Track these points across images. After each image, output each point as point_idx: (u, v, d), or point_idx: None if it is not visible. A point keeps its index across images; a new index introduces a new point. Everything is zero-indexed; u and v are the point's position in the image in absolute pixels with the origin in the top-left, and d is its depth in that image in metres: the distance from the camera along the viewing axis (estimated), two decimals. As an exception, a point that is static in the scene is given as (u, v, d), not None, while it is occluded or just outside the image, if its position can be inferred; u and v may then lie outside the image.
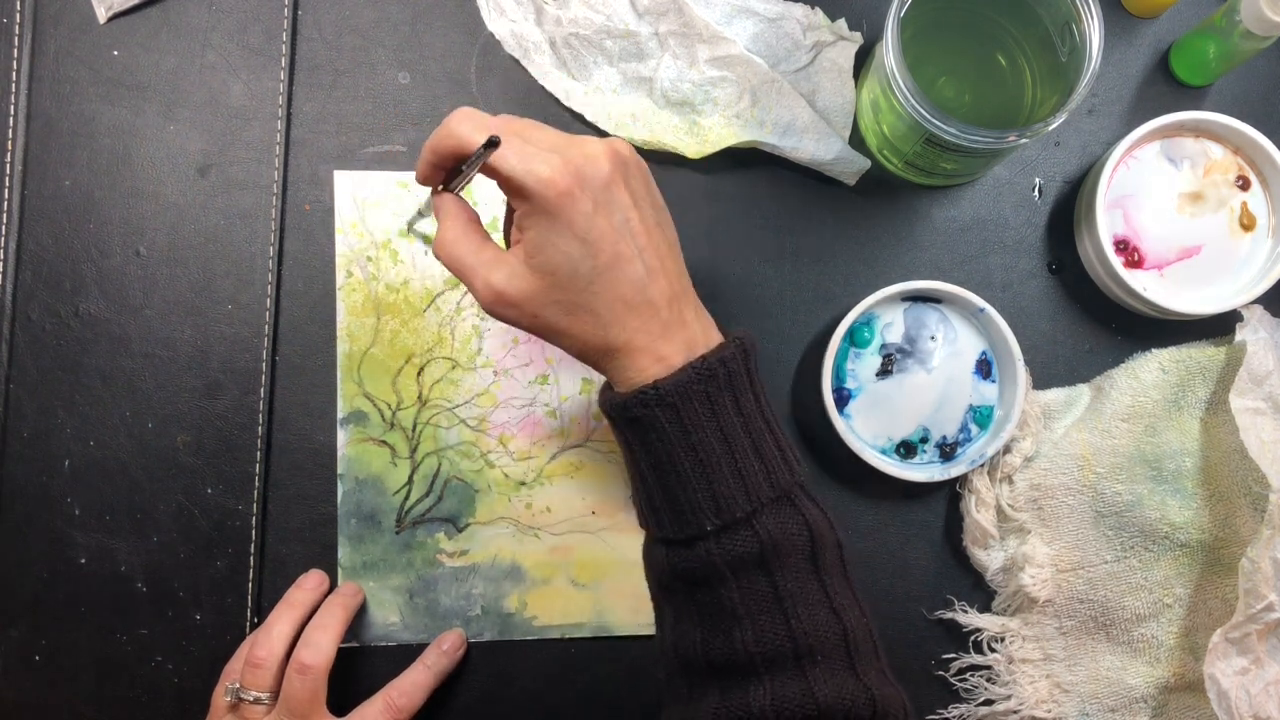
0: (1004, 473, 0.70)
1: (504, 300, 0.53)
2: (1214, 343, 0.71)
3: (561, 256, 0.51)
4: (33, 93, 0.73)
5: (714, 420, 0.52)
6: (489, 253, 0.53)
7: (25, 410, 0.71)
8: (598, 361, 0.54)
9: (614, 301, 0.52)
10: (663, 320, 0.53)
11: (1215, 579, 0.68)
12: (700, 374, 0.51)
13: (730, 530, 0.52)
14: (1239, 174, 0.69)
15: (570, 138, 0.53)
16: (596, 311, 0.52)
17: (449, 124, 0.53)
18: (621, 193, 0.52)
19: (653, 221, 0.54)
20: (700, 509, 0.52)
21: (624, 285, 0.52)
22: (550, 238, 0.51)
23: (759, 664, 0.51)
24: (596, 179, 0.51)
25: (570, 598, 0.71)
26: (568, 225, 0.51)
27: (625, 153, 0.53)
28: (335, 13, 0.73)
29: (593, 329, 0.52)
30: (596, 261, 0.51)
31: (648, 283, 0.52)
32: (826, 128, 0.71)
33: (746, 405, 0.53)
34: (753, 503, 0.52)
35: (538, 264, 0.51)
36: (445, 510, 0.71)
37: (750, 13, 0.71)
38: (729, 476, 0.52)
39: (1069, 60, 0.62)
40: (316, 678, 0.64)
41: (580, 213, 0.50)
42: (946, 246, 0.73)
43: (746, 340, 0.54)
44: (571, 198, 0.50)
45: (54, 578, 0.71)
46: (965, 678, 0.70)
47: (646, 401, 0.51)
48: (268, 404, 0.71)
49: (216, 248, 0.72)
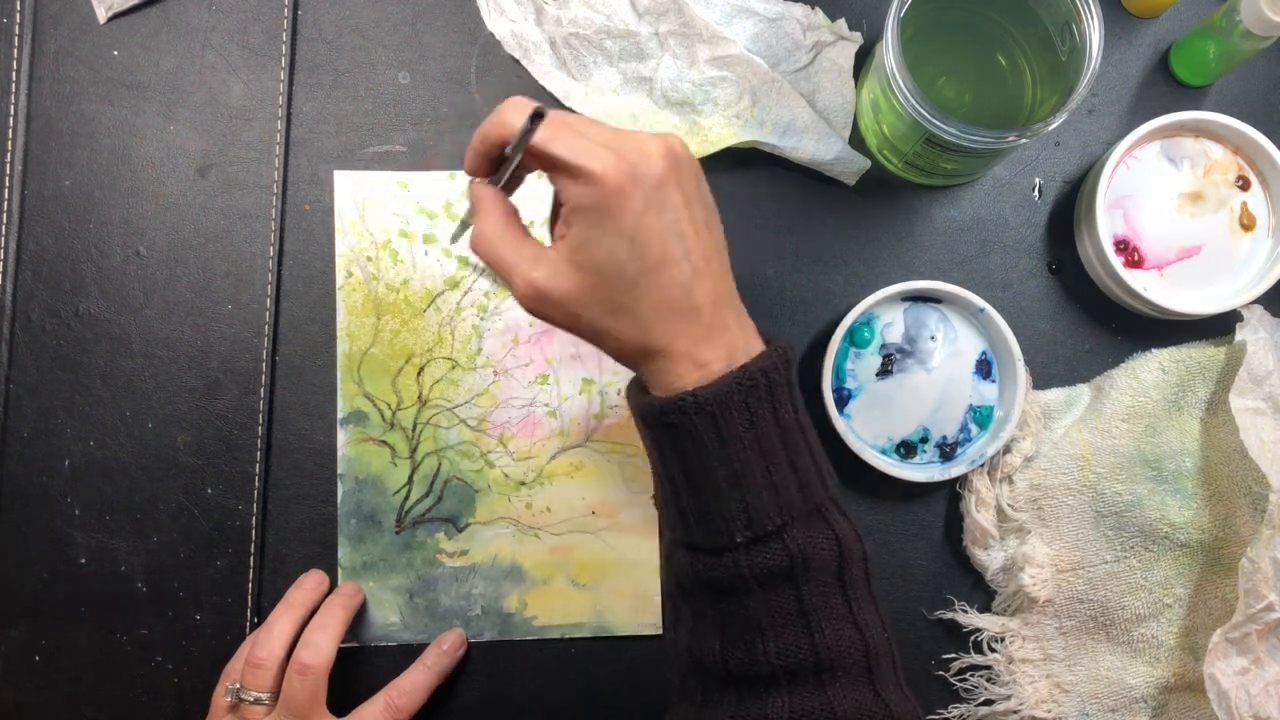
0: (1004, 473, 0.70)
1: (544, 298, 0.51)
2: (1214, 343, 0.71)
3: (607, 255, 0.49)
4: (33, 93, 0.73)
5: (752, 431, 0.50)
6: (530, 249, 0.52)
7: (25, 410, 0.71)
8: (635, 363, 0.53)
9: (658, 304, 0.50)
10: (705, 324, 0.51)
11: (1215, 579, 0.68)
12: (741, 384, 0.50)
13: (760, 543, 0.51)
14: (1239, 174, 0.69)
15: (624, 133, 0.51)
16: (639, 313, 0.50)
17: (500, 110, 0.51)
18: (674, 192, 0.50)
19: (702, 222, 0.52)
20: (732, 520, 0.51)
21: (669, 288, 0.50)
22: (597, 235, 0.49)
23: (780, 676, 0.51)
24: (650, 177, 0.49)
25: (570, 598, 0.71)
26: (616, 223, 0.49)
27: (680, 151, 0.51)
28: (335, 13, 0.73)
29: (634, 330, 0.51)
30: (644, 262, 0.49)
31: (693, 286, 0.51)
32: (826, 128, 0.71)
33: (785, 416, 0.52)
34: (784, 516, 0.51)
35: (582, 261, 0.50)
36: (445, 510, 0.71)
37: (750, 13, 0.71)
38: (763, 489, 0.50)
39: (1069, 60, 0.62)
40: (317, 678, 0.64)
41: (630, 211, 0.49)
42: (946, 246, 0.73)
43: (789, 349, 0.53)
44: (623, 195, 0.49)
45: (54, 578, 0.71)
46: (965, 678, 0.70)
47: (685, 409, 0.50)
48: (268, 404, 0.71)
49: (216, 248, 0.72)
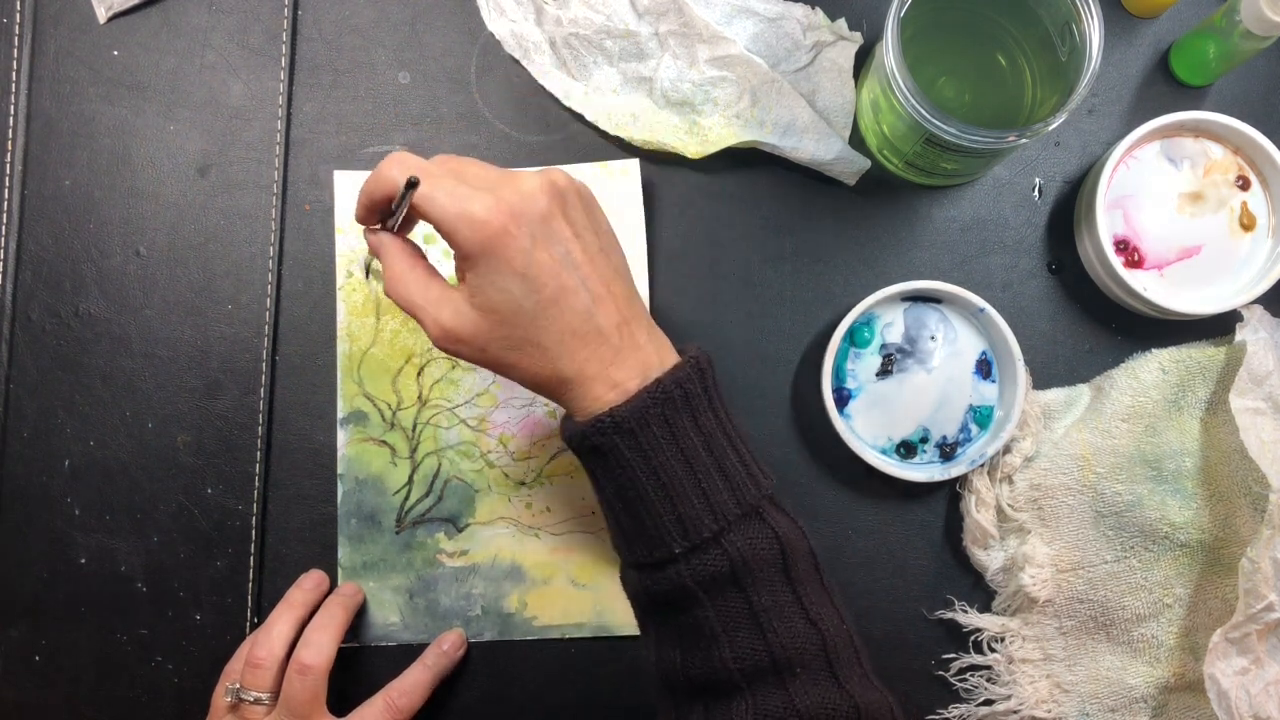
0: (1004, 473, 0.70)
1: (452, 337, 0.53)
2: (1214, 343, 0.71)
3: (503, 295, 0.51)
4: (33, 93, 0.73)
5: (674, 443, 0.51)
6: (435, 290, 0.53)
7: (25, 410, 0.71)
8: (552, 393, 0.54)
9: (561, 333, 0.52)
10: (613, 346, 0.52)
11: (1215, 579, 0.68)
12: (656, 398, 0.51)
13: (699, 551, 0.51)
14: (1239, 174, 0.69)
15: (505, 174, 0.52)
16: (544, 345, 0.52)
17: (381, 168, 0.53)
18: (560, 225, 0.52)
19: (595, 249, 0.53)
20: (667, 532, 0.52)
21: (570, 316, 0.52)
22: (490, 277, 0.51)
23: (739, 679, 0.51)
24: (533, 214, 0.51)
25: (570, 598, 0.71)
26: (506, 264, 0.50)
27: (562, 183, 0.53)
28: (335, 13, 0.73)
29: (542, 362, 0.52)
30: (540, 296, 0.51)
31: (594, 311, 0.52)
32: (826, 128, 0.71)
33: (706, 424, 0.53)
34: (719, 521, 0.51)
35: (480, 303, 0.51)
36: (445, 510, 0.71)
37: (750, 13, 0.71)
38: (693, 497, 0.51)
39: (1069, 60, 0.62)
40: (316, 678, 0.64)
41: (518, 250, 0.50)
42: (946, 246, 0.73)
43: (701, 358, 0.54)
44: (508, 235, 0.50)
45: (54, 578, 0.71)
46: (965, 678, 0.70)
47: (604, 429, 0.51)
48: (268, 404, 0.71)
49: (216, 248, 0.72)
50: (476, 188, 0.51)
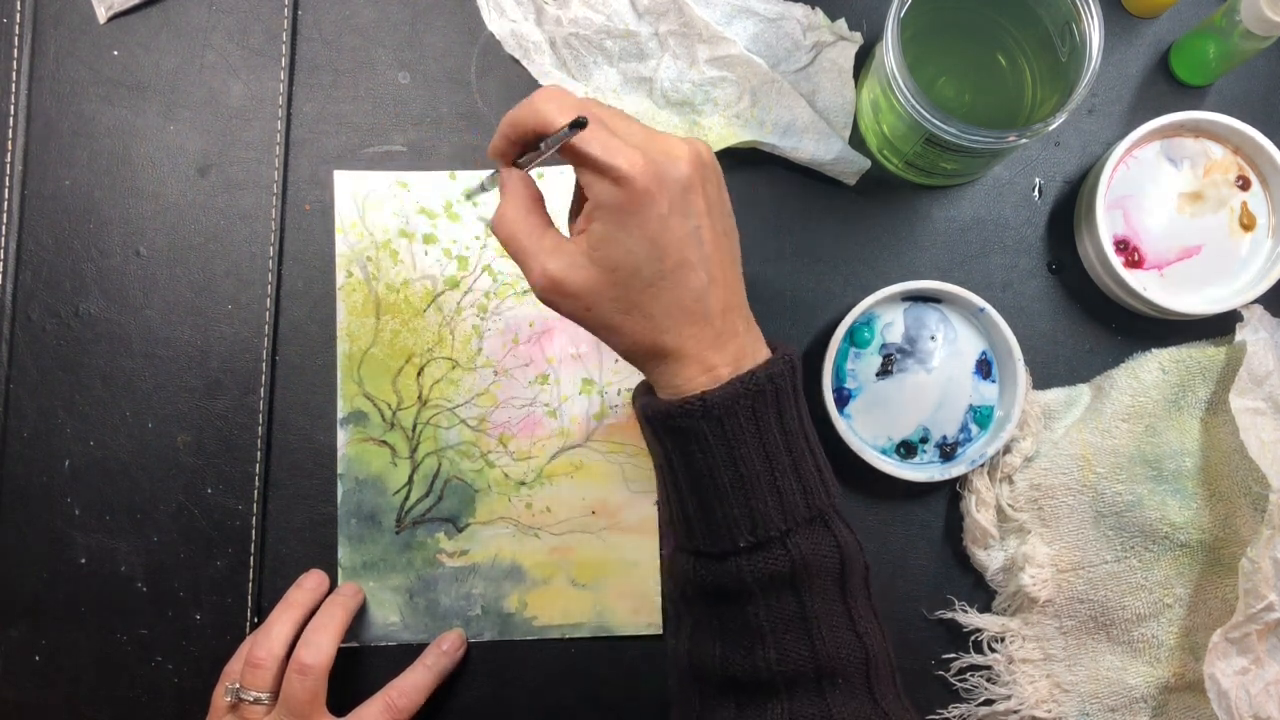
0: (1004, 473, 0.70)
1: (559, 289, 0.51)
2: (1214, 343, 0.71)
3: (626, 254, 0.49)
4: (33, 93, 0.73)
5: (758, 436, 0.51)
6: (550, 239, 0.52)
7: (25, 410, 0.71)
8: (643, 362, 0.53)
9: (671, 306, 0.50)
10: (715, 330, 0.51)
11: (1215, 579, 0.68)
12: (748, 388, 0.50)
13: (763, 548, 0.51)
14: (1239, 174, 0.69)
15: (654, 134, 0.51)
16: (652, 314, 0.50)
17: (534, 100, 0.51)
18: (698, 198, 0.50)
19: (720, 230, 0.52)
20: (736, 525, 0.51)
21: (683, 292, 0.50)
22: (619, 234, 0.49)
23: (779, 683, 0.51)
24: (676, 181, 0.50)
25: (570, 598, 0.71)
26: (640, 224, 0.49)
27: (707, 157, 0.51)
28: (335, 13, 0.73)
29: (645, 330, 0.51)
30: (662, 265, 0.50)
31: (708, 292, 0.51)
32: (826, 128, 0.71)
33: (790, 423, 0.52)
34: (788, 522, 0.51)
35: (600, 257, 0.50)
36: (445, 510, 0.71)
37: (750, 13, 0.71)
38: (767, 494, 0.51)
39: (1069, 60, 0.62)
40: (316, 678, 0.64)
41: (655, 214, 0.49)
42: (946, 246, 0.73)
43: (793, 355, 0.53)
44: (649, 197, 0.49)
45: (54, 578, 0.71)
46: (965, 678, 0.70)
47: (691, 412, 0.50)
48: (268, 404, 0.71)
49: (216, 248, 0.72)
50: (627, 141, 0.50)
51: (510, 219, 0.52)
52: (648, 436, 0.54)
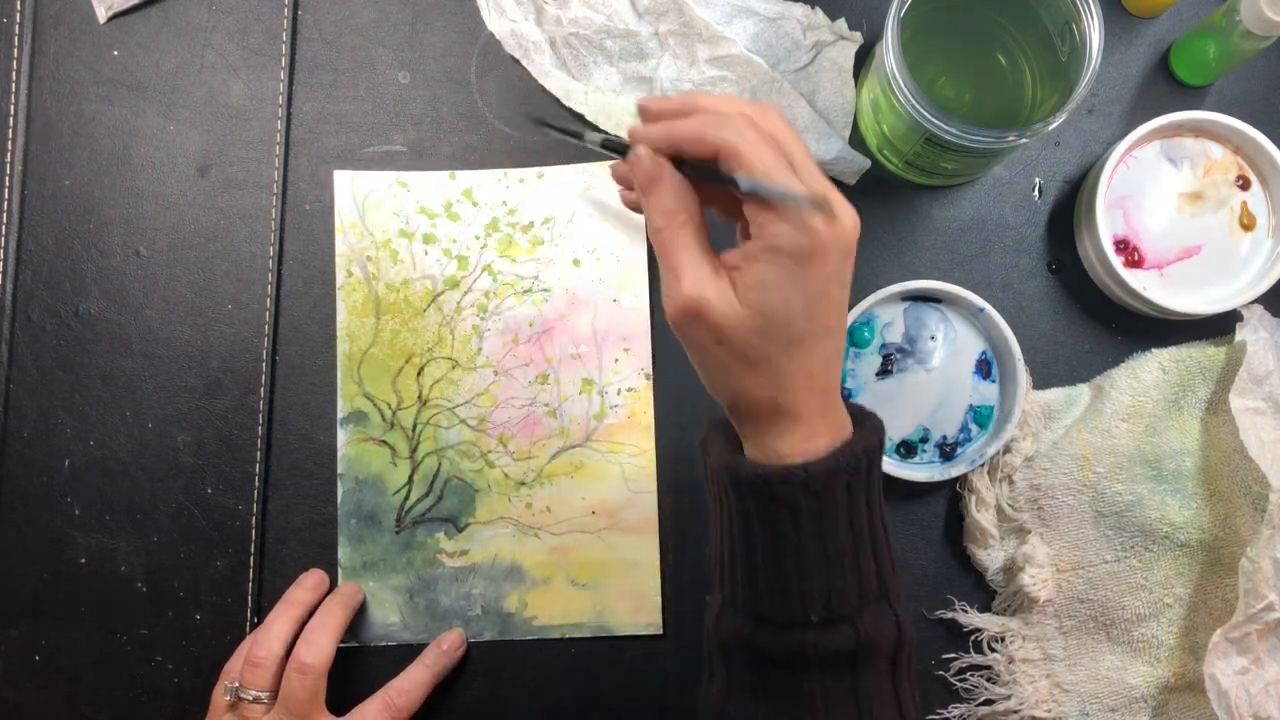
0: (1004, 473, 0.70)
1: (701, 316, 0.47)
2: (1214, 343, 0.71)
3: (784, 305, 0.47)
4: (33, 93, 0.73)
5: (848, 514, 0.49)
6: (710, 263, 0.48)
7: (25, 410, 0.71)
8: (748, 417, 0.50)
9: (800, 370, 0.48)
10: (827, 402, 0.50)
11: (1215, 579, 0.68)
12: (849, 464, 0.49)
13: (833, 624, 0.49)
14: (1239, 174, 0.69)
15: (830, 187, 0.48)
16: (782, 371, 0.48)
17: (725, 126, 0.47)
18: (849, 267, 0.49)
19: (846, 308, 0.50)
20: (811, 599, 0.49)
21: (817, 358, 0.48)
22: (784, 283, 0.47)
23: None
24: (844, 247, 0.48)
25: (570, 598, 0.71)
26: (807, 280, 0.47)
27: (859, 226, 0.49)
28: (335, 13, 0.73)
29: (768, 386, 0.49)
30: (810, 326, 0.48)
31: (833, 363, 0.49)
32: (826, 127, 0.71)
33: (875, 501, 0.51)
34: (861, 600, 0.50)
35: (755, 300, 0.47)
36: (445, 510, 0.71)
37: (750, 12, 0.71)
38: (848, 572, 0.49)
39: (1069, 60, 0.62)
40: (316, 677, 0.64)
41: (823, 274, 0.47)
42: (946, 246, 0.73)
43: (881, 430, 0.52)
44: (824, 255, 0.46)
45: (54, 578, 0.71)
46: (965, 678, 0.70)
47: (792, 481, 0.48)
48: (268, 404, 0.71)
49: (216, 248, 0.72)
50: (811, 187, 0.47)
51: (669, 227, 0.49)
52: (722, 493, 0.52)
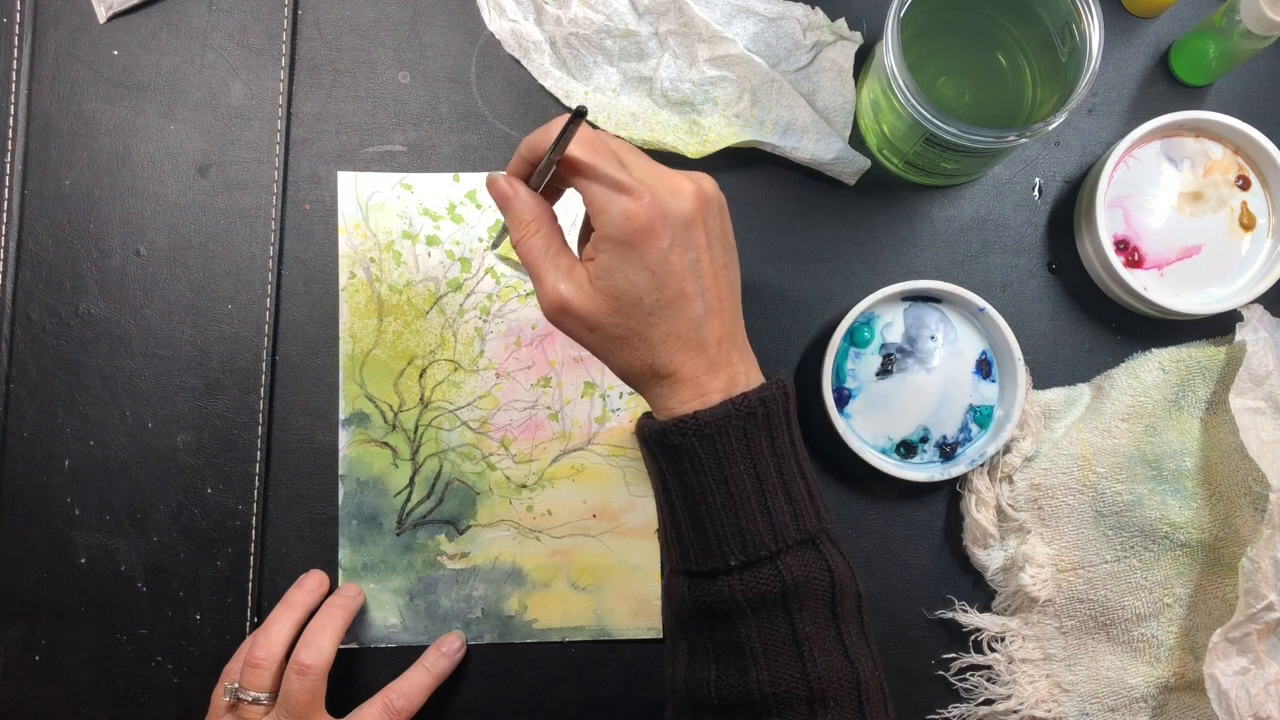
0: (1004, 473, 0.70)
1: (566, 310, 0.53)
2: (1214, 343, 0.71)
3: (628, 285, 0.52)
4: (33, 93, 0.72)
5: (748, 456, 0.52)
6: (565, 260, 0.54)
7: (25, 410, 0.71)
8: (640, 384, 0.55)
9: (668, 335, 0.52)
10: (710, 357, 0.53)
11: (1215, 579, 0.68)
12: (740, 409, 0.52)
13: (754, 567, 0.52)
14: (1239, 174, 0.69)
15: (660, 171, 0.53)
16: (650, 340, 0.53)
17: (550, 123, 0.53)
18: (699, 233, 0.53)
19: (721, 263, 0.54)
20: (727, 543, 0.52)
21: (681, 321, 0.52)
22: (622, 266, 0.51)
23: (771, 705, 0.51)
24: (679, 217, 0.52)
25: (570, 601, 0.71)
26: (641, 259, 0.51)
27: (710, 192, 0.54)
28: (335, 13, 0.73)
29: (642, 355, 0.53)
30: (661, 295, 0.52)
31: (704, 322, 0.53)
32: (826, 128, 0.70)
33: (781, 446, 0.54)
34: (778, 542, 0.52)
35: (604, 286, 0.52)
36: (446, 512, 0.71)
37: (750, 12, 0.71)
38: (757, 514, 0.52)
39: (1069, 60, 0.62)
40: (316, 678, 0.64)
41: (656, 249, 0.51)
42: (946, 246, 0.73)
43: (786, 384, 0.55)
44: (652, 233, 0.51)
45: (54, 578, 0.71)
46: (965, 677, 0.70)
47: (685, 430, 0.52)
48: (268, 404, 0.71)
49: (216, 248, 0.72)
50: (634, 175, 0.52)
51: (529, 234, 0.54)
52: (645, 458, 0.56)
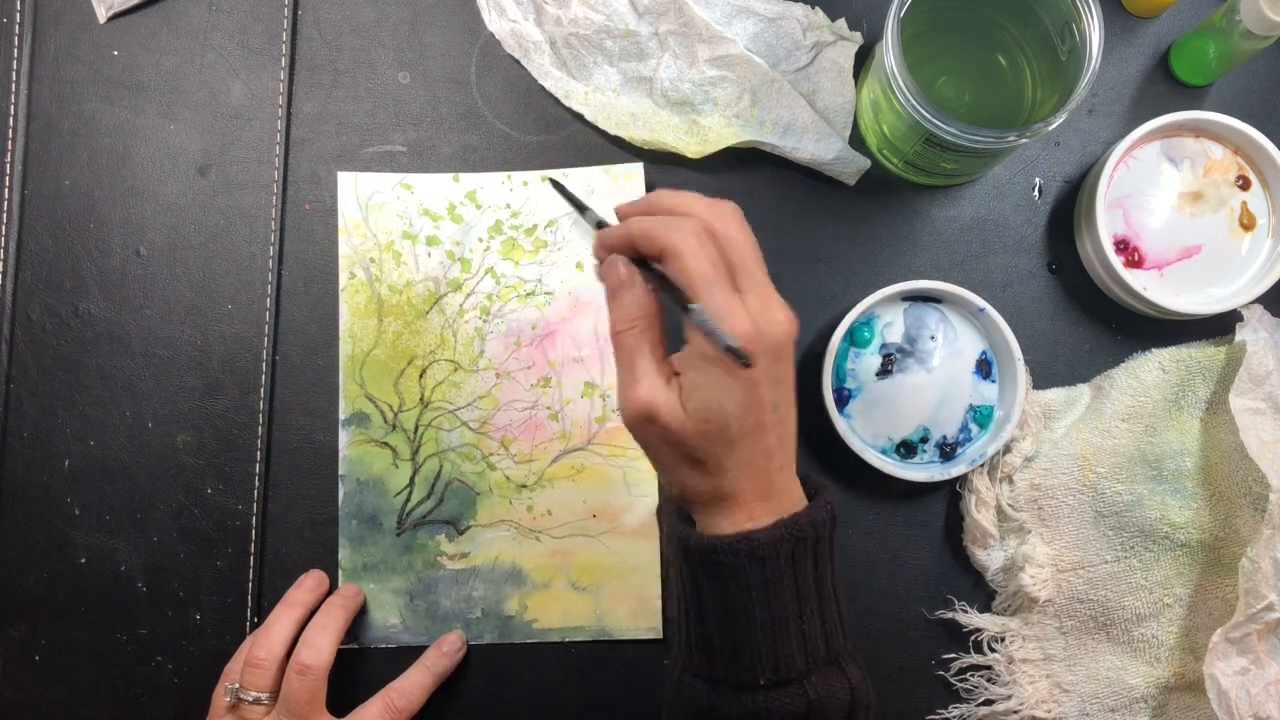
0: (1004, 473, 0.70)
1: (653, 419, 0.51)
2: (1214, 343, 0.71)
3: (719, 410, 0.50)
4: (33, 93, 0.73)
5: (793, 580, 0.52)
6: (664, 370, 0.52)
7: (25, 410, 0.71)
8: (694, 502, 0.54)
9: (742, 463, 0.52)
10: (770, 485, 0.53)
11: (1215, 579, 0.68)
12: (792, 533, 0.52)
13: (782, 686, 0.52)
14: (1239, 174, 0.69)
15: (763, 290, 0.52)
16: (724, 466, 0.52)
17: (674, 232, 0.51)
18: (784, 367, 0.52)
19: (789, 399, 0.54)
20: (761, 662, 0.52)
21: (756, 451, 0.52)
22: (715, 391, 0.50)
23: None
24: (773, 351, 0.51)
25: (570, 601, 0.71)
26: (734, 386, 0.50)
27: (795, 328, 0.53)
28: (335, 13, 0.73)
29: (713, 479, 0.52)
30: (744, 424, 0.51)
31: (773, 454, 0.53)
32: (826, 128, 0.70)
33: (823, 568, 0.54)
34: (808, 664, 0.53)
35: (695, 406, 0.51)
36: (446, 513, 0.71)
37: (750, 12, 0.71)
38: (793, 636, 0.52)
39: (1069, 60, 0.62)
40: (316, 678, 0.64)
41: (749, 379, 0.50)
42: (946, 246, 0.73)
43: (834, 505, 0.55)
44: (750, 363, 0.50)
45: (54, 578, 0.71)
46: (965, 678, 0.70)
47: (737, 551, 0.51)
48: (268, 404, 0.71)
49: (216, 248, 0.72)
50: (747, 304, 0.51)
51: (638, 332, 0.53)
52: (677, 563, 0.55)
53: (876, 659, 0.70)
